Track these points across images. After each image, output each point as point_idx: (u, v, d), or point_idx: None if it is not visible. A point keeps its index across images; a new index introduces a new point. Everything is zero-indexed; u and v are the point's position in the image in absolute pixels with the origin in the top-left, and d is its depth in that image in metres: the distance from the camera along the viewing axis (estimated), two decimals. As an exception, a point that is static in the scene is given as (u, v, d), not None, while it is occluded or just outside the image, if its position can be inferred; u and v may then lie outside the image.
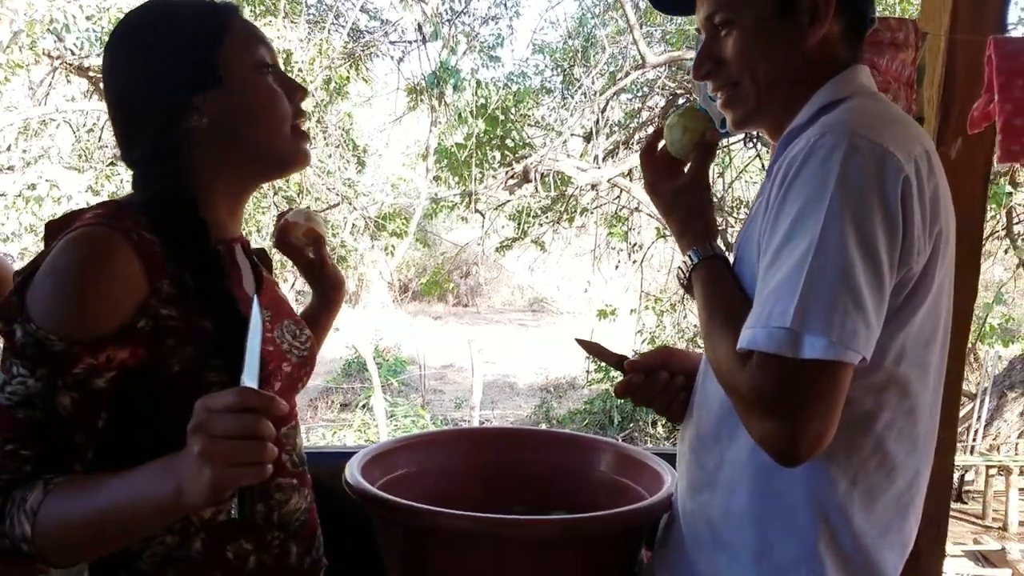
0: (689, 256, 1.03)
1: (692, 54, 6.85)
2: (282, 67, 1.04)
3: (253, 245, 1.14)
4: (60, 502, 0.82)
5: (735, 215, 7.40)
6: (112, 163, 7.06)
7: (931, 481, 0.98)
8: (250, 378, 0.80)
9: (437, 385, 10.71)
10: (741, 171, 7.49)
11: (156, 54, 0.95)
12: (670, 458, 1.29)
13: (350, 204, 7.84)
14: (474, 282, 14.73)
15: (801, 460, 0.82)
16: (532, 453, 1.50)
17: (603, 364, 7.65)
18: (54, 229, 0.93)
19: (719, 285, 0.99)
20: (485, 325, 14.26)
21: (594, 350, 1.29)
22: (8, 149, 6.21)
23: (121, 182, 6.70)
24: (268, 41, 1.02)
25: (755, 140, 6.74)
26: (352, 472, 1.20)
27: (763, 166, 7.30)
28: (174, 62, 0.95)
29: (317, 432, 8.14)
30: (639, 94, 7.85)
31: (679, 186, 1.10)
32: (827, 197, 0.81)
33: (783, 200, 0.86)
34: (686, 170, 1.11)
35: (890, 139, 0.84)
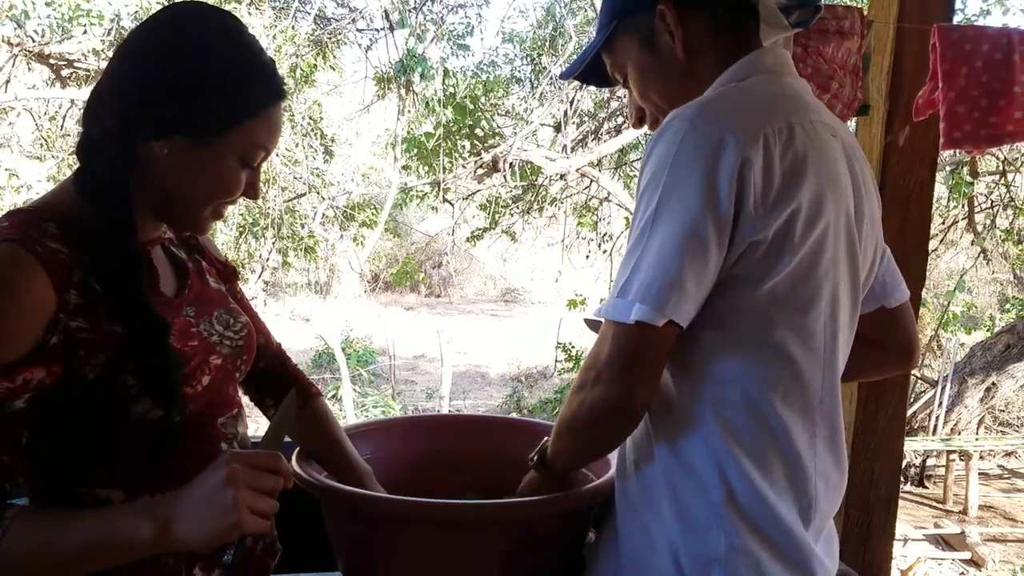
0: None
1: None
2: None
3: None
4: (24, 540, 0.81)
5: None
6: (74, 152, 6.94)
7: (879, 465, 1.01)
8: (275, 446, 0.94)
9: (409, 376, 10.69)
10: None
11: (191, 74, 0.92)
12: None
13: (318, 194, 7.78)
14: (446, 272, 14.70)
15: (632, 413, 0.92)
16: (486, 439, 1.51)
17: (574, 353, 7.66)
18: None
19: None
20: (457, 315, 14.25)
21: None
22: (-35, 138, 6.08)
23: (83, 171, 6.59)
24: (274, 145, 0.99)
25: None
26: (296, 460, 1.20)
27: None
28: (197, 97, 0.92)
29: (286, 423, 8.08)
30: (608, 84, 7.87)
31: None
32: (662, 176, 0.89)
33: (638, 180, 0.95)
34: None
35: (734, 120, 0.90)
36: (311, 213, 8.00)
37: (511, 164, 6.91)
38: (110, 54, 4.98)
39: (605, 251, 7.86)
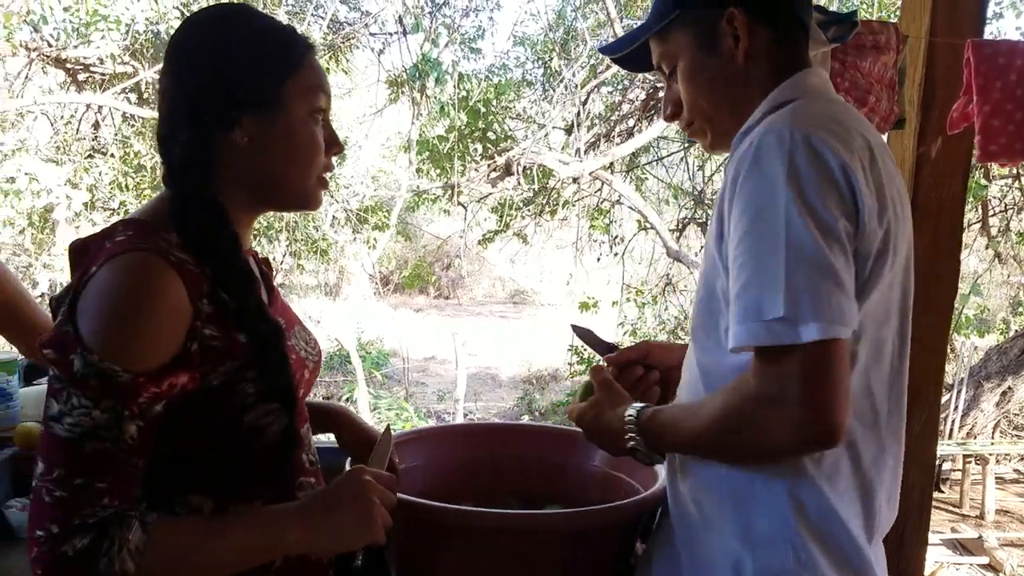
0: (629, 431, 1.07)
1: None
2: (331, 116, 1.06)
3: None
4: (169, 544, 0.86)
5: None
6: (90, 155, 6.99)
7: (913, 473, 1.03)
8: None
9: (419, 377, 10.70)
10: (721, 164, 7.54)
11: (228, 59, 0.96)
12: None
13: (331, 196, 7.81)
14: (455, 274, 14.72)
15: (837, 436, 0.85)
16: (525, 448, 1.53)
17: (586, 356, 7.66)
18: (81, 250, 0.94)
19: (668, 410, 1.04)
20: (467, 317, 14.26)
21: (586, 337, 1.33)
22: (-16, 142, 6.12)
23: (99, 174, 6.63)
24: (329, 89, 1.03)
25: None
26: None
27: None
28: (241, 75, 0.96)
29: (301, 426, 8.10)
30: (619, 87, 7.87)
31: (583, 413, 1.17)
32: (780, 188, 0.87)
33: (738, 197, 0.91)
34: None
35: (829, 133, 0.91)
36: (323, 215, 8.02)
37: (524, 167, 6.92)
38: (126, 59, 5.03)
39: (617, 254, 7.86)
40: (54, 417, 0.85)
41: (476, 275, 15.34)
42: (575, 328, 1.37)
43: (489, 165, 7.23)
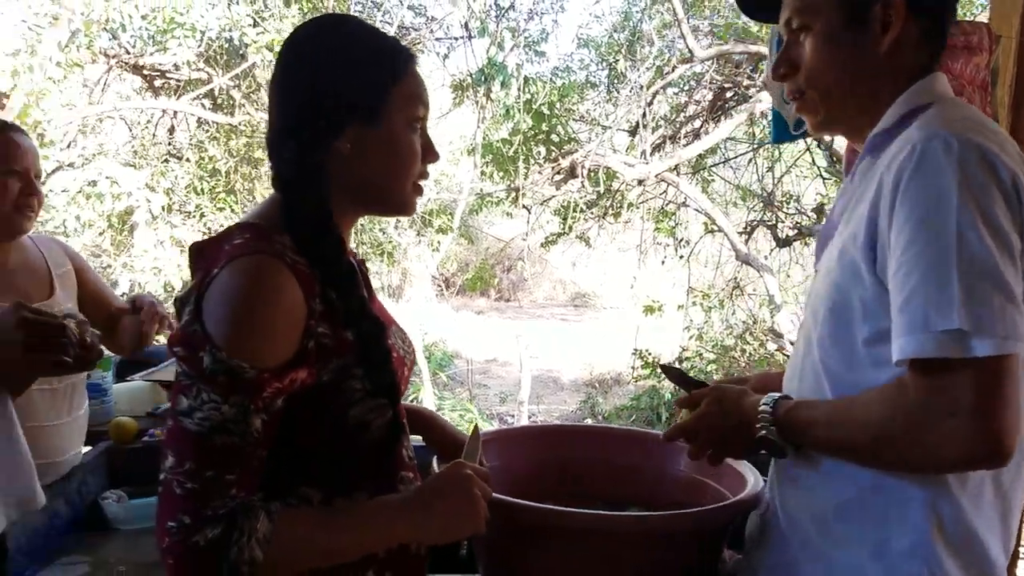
0: (762, 421, 1.03)
1: (741, 48, 6.67)
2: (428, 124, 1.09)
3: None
4: (291, 533, 0.90)
5: (785, 210, 7.30)
6: (166, 160, 7.21)
7: None
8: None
9: (481, 379, 10.73)
10: (791, 165, 7.38)
11: (336, 69, 1.00)
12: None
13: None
14: (516, 277, 14.73)
15: (1009, 455, 0.83)
16: (607, 450, 1.52)
17: (650, 360, 7.56)
18: (200, 252, 0.98)
19: (809, 407, 1.00)
20: (527, 320, 14.25)
21: (677, 377, 1.30)
22: (69, 147, 6.36)
23: (175, 178, 6.83)
24: (428, 98, 1.06)
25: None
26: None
27: (813, 160, 7.17)
28: (348, 84, 0.99)
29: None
30: (686, 88, 7.77)
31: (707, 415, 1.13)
32: (952, 196, 0.84)
33: (902, 205, 0.87)
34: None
35: (992, 142, 0.88)
36: (387, 219, 8.11)
37: (589, 170, 6.88)
38: (201, 65, 5.17)
39: (682, 256, 7.75)
40: (184, 412, 0.89)
41: (537, 277, 15.33)
42: (664, 368, 1.35)
43: (553, 167, 7.21)
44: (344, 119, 0.99)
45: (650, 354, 7.71)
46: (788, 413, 1.01)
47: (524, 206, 7.44)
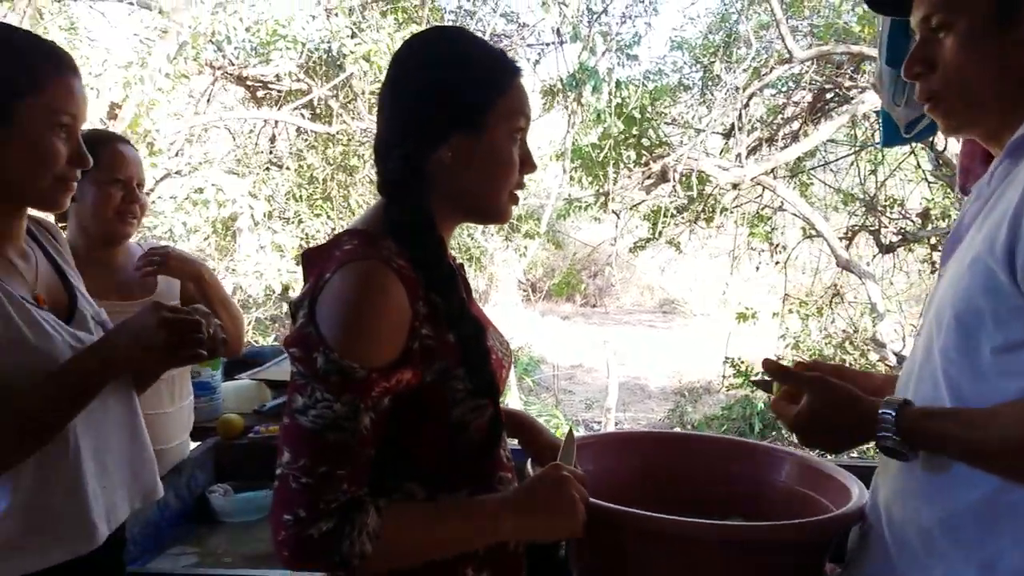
0: (884, 428, 0.98)
1: (842, 48, 6.44)
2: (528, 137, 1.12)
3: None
4: (398, 528, 0.94)
5: (888, 214, 6.99)
6: (268, 168, 7.48)
7: None
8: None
9: (567, 385, 10.70)
10: (895, 169, 7.06)
11: (446, 79, 1.03)
12: (854, 469, 1.29)
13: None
14: (603, 282, 14.63)
15: None
16: (707, 458, 1.49)
17: (743, 368, 7.36)
18: (312, 258, 1.03)
19: (943, 417, 0.96)
20: (614, 326, 14.13)
21: (770, 388, 1.24)
22: (176, 155, 6.67)
23: (276, 186, 7.08)
24: (530, 111, 1.09)
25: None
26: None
27: (918, 163, 6.84)
28: (457, 94, 1.02)
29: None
30: (784, 89, 7.55)
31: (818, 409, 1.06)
32: None
33: None
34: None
35: None
36: (476, 225, 8.18)
37: (681, 174, 6.76)
38: (301, 76, 5.33)
39: (778, 262, 7.52)
40: (299, 410, 0.92)
41: (625, 283, 15.20)
42: (756, 383, 1.32)
43: (643, 172, 7.11)
44: (448, 128, 1.02)
45: (742, 362, 7.51)
46: (917, 423, 0.97)
47: (613, 211, 7.37)
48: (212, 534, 1.92)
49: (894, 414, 0.97)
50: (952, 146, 5.42)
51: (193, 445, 2.08)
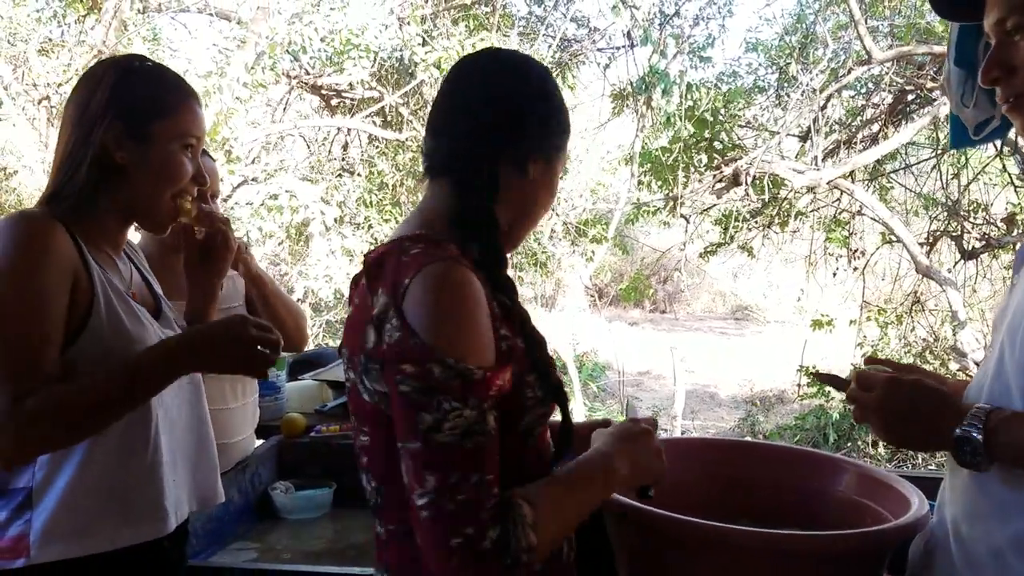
0: (966, 431, 0.93)
1: (924, 49, 6.22)
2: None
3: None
4: (544, 510, 0.94)
5: (971, 219, 6.68)
6: (340, 174, 7.65)
7: None
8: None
9: (634, 392, 10.59)
10: (979, 172, 6.74)
11: (532, 106, 1.07)
12: (917, 481, 1.27)
13: (552, 210, 7.96)
14: (672, 288, 14.43)
15: None
16: (761, 466, 1.47)
17: (810, 373, 7.11)
18: (377, 265, 1.00)
19: None
20: (684, 332, 13.92)
21: (832, 381, 1.20)
22: (253, 162, 6.88)
23: (347, 192, 7.24)
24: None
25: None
26: None
27: (1004, 167, 6.52)
28: (540, 123, 1.08)
29: (519, 433, 8.33)
30: (863, 91, 7.31)
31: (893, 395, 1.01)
32: None
33: None
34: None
35: None
36: (542, 229, 8.19)
37: (754, 177, 6.61)
38: (373, 84, 5.41)
39: (856, 268, 7.27)
40: (431, 428, 0.90)
41: (695, 289, 14.96)
42: (819, 376, 1.28)
43: (715, 175, 6.98)
44: (530, 152, 1.07)
45: (817, 371, 7.27)
46: (1005, 423, 0.91)
47: (682, 215, 7.26)
48: (273, 530, 1.96)
49: (988, 409, 0.92)
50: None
51: (258, 443, 2.14)
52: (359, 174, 7.61)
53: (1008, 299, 1.01)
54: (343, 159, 8.10)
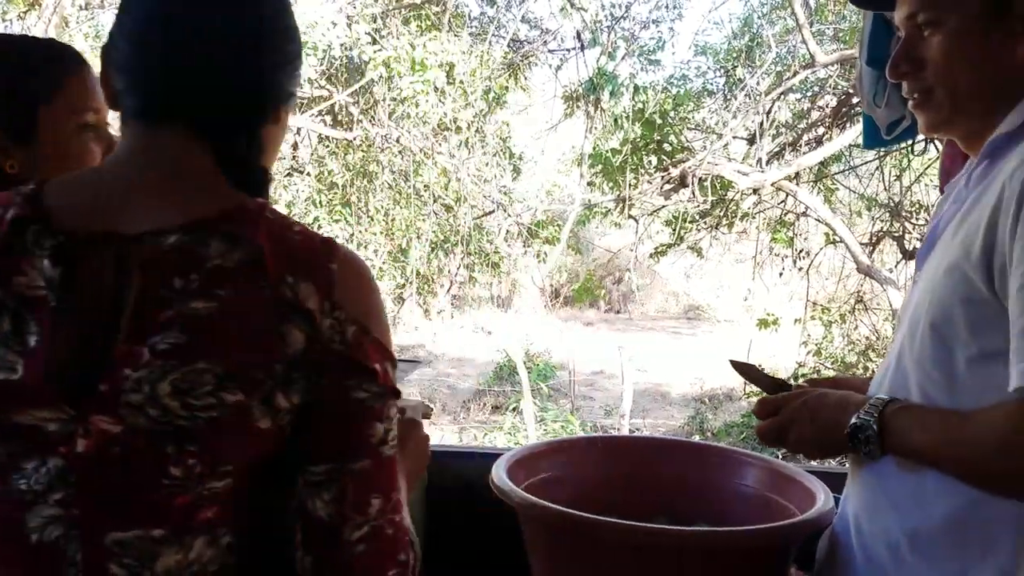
0: (862, 419, 0.95)
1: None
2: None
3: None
4: None
5: (913, 220, 6.87)
6: (289, 174, 7.56)
7: None
8: None
9: (587, 392, 10.66)
10: (920, 174, 6.94)
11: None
12: (824, 476, 1.28)
13: (505, 211, 7.98)
14: (626, 288, 14.56)
15: None
16: (675, 464, 1.49)
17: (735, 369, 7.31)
18: (286, 257, 0.79)
19: (922, 411, 0.93)
20: (637, 332, 14.06)
21: (750, 374, 1.22)
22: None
23: (296, 192, 7.16)
24: None
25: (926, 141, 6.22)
26: (499, 473, 1.24)
27: (946, 168, 6.73)
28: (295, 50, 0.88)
29: (469, 433, 8.35)
30: (808, 94, 7.47)
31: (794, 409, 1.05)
32: None
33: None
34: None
35: None
36: (497, 230, 8.21)
37: (700, 179, 6.71)
38: (322, 83, 5.38)
39: (801, 268, 7.43)
40: (381, 441, 0.75)
41: (648, 289, 15.11)
42: (735, 364, 1.26)
43: (663, 177, 7.07)
44: None
45: (763, 368, 7.42)
46: (899, 412, 0.94)
47: (631, 216, 7.34)
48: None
49: (883, 402, 0.95)
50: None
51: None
52: (309, 174, 7.53)
53: (910, 294, 1.03)
54: (293, 158, 8.00)
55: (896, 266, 6.87)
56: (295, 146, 8.11)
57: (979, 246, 0.86)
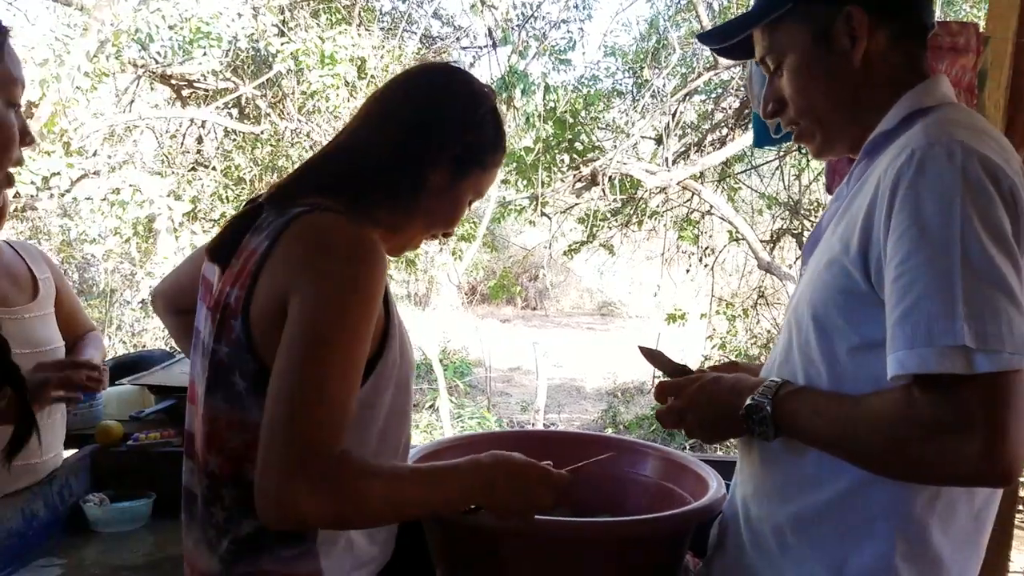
0: (757, 400, 0.97)
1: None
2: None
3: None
4: None
5: (811, 218, 7.18)
6: (194, 168, 7.31)
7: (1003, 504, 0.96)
8: None
9: (504, 388, 10.71)
10: (819, 173, 7.25)
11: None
12: (717, 465, 1.31)
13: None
14: (542, 285, 14.70)
15: (1014, 477, 0.79)
16: (576, 457, 1.45)
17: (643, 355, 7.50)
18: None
19: (815, 394, 0.95)
20: (553, 328, 14.21)
21: (656, 359, 1.25)
22: (94, 154, 6.47)
23: (202, 186, 6.92)
24: None
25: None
26: None
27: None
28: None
29: (386, 432, 8.24)
30: (712, 95, 7.70)
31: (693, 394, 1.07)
32: (955, 205, 0.80)
33: (900, 211, 0.83)
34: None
35: (993, 151, 0.85)
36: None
37: (610, 178, 6.84)
38: (228, 75, 5.21)
39: (706, 265, 7.66)
40: None
41: (563, 286, 15.29)
42: (643, 350, 1.29)
43: (575, 175, 7.17)
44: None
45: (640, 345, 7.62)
46: (791, 396, 0.96)
47: (544, 214, 7.41)
48: (84, 545, 1.85)
49: (777, 384, 0.97)
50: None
51: (68, 453, 2.01)
52: (215, 168, 7.30)
53: (796, 288, 1.08)
54: (198, 152, 7.75)
55: (795, 262, 7.16)
56: (200, 139, 7.86)
57: (856, 241, 0.89)
